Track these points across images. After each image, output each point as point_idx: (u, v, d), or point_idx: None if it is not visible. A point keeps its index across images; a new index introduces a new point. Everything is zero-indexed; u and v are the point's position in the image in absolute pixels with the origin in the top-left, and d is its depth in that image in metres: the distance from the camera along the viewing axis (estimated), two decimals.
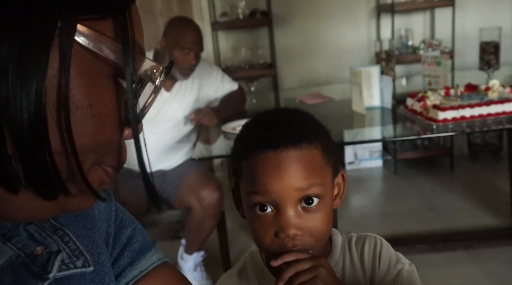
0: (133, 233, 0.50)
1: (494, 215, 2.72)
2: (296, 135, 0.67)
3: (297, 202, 0.65)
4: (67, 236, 0.42)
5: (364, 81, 2.17)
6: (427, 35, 3.60)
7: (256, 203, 0.66)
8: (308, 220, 0.66)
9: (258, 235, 0.68)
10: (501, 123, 1.87)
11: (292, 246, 0.65)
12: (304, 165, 0.66)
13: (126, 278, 0.47)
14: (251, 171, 0.67)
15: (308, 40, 3.57)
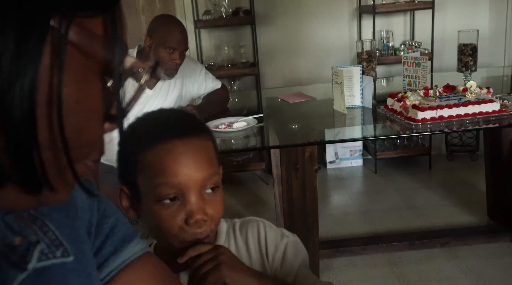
0: (115, 223, 0.50)
1: (471, 213, 2.79)
2: (197, 126, 0.73)
3: (201, 189, 0.69)
4: (46, 226, 0.42)
5: (346, 81, 2.20)
6: (408, 37, 3.66)
7: (165, 194, 0.67)
8: (211, 206, 0.70)
9: (164, 226, 0.68)
10: (478, 124, 1.91)
11: (200, 235, 0.69)
12: (206, 154, 0.70)
13: (109, 268, 0.48)
14: (156, 162, 0.67)
15: (290, 39, 3.60)
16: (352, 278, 2.27)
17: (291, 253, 0.78)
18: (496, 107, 1.92)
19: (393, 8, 3.41)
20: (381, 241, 2.50)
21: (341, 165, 3.70)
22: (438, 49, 3.46)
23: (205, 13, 3.41)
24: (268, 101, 2.80)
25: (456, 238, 2.48)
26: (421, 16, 3.53)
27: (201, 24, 3.38)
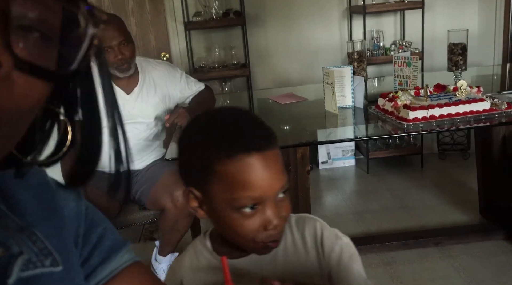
0: (103, 232, 0.49)
1: (463, 212, 2.80)
2: (272, 137, 0.74)
3: (276, 196, 0.72)
4: (34, 235, 0.41)
5: (337, 81, 2.20)
6: (398, 37, 3.67)
7: (245, 204, 0.70)
8: (283, 209, 0.73)
9: (241, 231, 0.71)
10: (468, 123, 1.92)
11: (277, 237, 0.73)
12: (280, 163, 0.73)
13: (97, 278, 0.47)
14: (237, 175, 0.69)
15: (281, 40, 3.60)
16: None
17: (347, 256, 0.80)
18: (486, 106, 1.93)
19: (383, 8, 3.42)
20: (374, 241, 2.50)
21: (334, 165, 3.70)
22: (428, 48, 3.47)
23: (195, 15, 3.40)
24: (259, 103, 2.80)
25: (449, 237, 2.49)
26: (411, 16, 3.54)
27: (191, 26, 3.36)
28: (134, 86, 2.18)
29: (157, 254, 2.22)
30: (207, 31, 3.51)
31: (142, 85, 2.19)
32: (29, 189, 0.44)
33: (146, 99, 2.20)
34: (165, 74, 2.26)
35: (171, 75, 2.28)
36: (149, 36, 3.54)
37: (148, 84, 2.21)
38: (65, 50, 0.33)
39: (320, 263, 0.81)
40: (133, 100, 2.18)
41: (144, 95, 2.20)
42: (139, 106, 2.19)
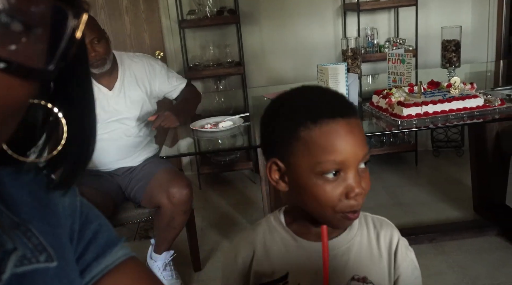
0: (98, 229, 0.49)
1: (457, 208, 2.81)
2: (352, 106, 0.77)
3: (358, 165, 0.73)
4: (29, 231, 0.41)
5: (331, 78, 2.20)
6: (392, 34, 3.68)
7: (329, 170, 0.71)
8: (364, 180, 0.74)
9: (324, 198, 0.73)
10: (462, 119, 1.93)
11: (357, 207, 0.74)
12: (362, 132, 0.75)
13: (91, 273, 0.47)
14: (322, 140, 0.71)
15: (276, 38, 3.60)
16: None
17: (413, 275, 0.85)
18: (480, 102, 1.94)
19: (377, 6, 3.43)
20: None
21: None
22: (422, 45, 3.48)
23: (189, 13, 3.39)
24: (254, 101, 2.80)
25: (443, 233, 2.50)
26: (405, 13, 3.55)
27: (185, 24, 3.36)
28: (115, 81, 2.17)
29: (152, 252, 2.22)
30: (202, 29, 3.51)
31: (123, 80, 2.18)
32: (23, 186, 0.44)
33: (129, 93, 2.19)
34: (144, 67, 2.24)
35: (151, 68, 2.26)
36: (143, 35, 3.53)
37: (129, 78, 2.19)
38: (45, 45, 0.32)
39: (390, 270, 0.82)
40: (116, 96, 2.17)
41: (126, 89, 2.18)
42: (123, 101, 2.18)
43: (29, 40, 0.31)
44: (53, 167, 0.41)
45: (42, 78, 0.32)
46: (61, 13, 0.32)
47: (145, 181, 2.12)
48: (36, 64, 0.31)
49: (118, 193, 2.17)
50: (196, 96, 2.42)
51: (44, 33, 0.32)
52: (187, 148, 2.15)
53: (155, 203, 2.07)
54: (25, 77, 0.30)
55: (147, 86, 2.24)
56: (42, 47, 0.32)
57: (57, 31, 0.32)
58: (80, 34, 0.33)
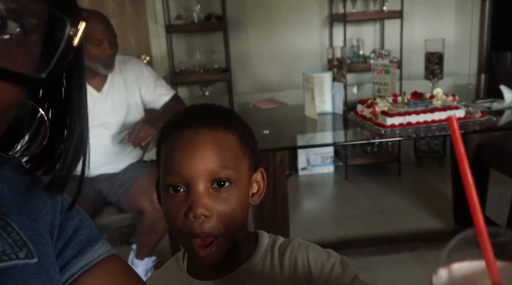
0: (79, 225, 0.48)
1: (438, 218, 2.85)
2: (214, 118, 0.70)
3: (207, 183, 0.66)
4: (9, 226, 0.41)
5: (317, 87, 2.22)
6: (377, 45, 3.73)
7: (170, 183, 0.66)
8: (217, 202, 0.66)
9: (170, 218, 0.67)
10: (444, 130, 1.95)
11: (199, 230, 0.65)
12: (218, 147, 0.67)
13: (71, 270, 0.46)
14: (167, 151, 0.68)
15: (262, 45, 3.62)
16: None
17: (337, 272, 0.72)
18: (461, 114, 1.97)
19: (363, 17, 3.48)
20: (350, 246, 2.53)
21: (313, 171, 3.73)
22: (406, 57, 3.54)
23: (176, 18, 3.39)
24: (239, 107, 2.80)
25: (423, 243, 2.52)
26: (390, 25, 3.61)
27: (172, 29, 3.36)
28: (104, 83, 2.15)
29: (134, 257, 2.20)
30: (189, 34, 3.51)
31: (113, 82, 2.16)
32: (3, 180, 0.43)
33: (117, 97, 2.16)
34: (135, 72, 2.22)
35: (140, 74, 2.24)
36: (130, 39, 3.52)
37: (119, 81, 2.17)
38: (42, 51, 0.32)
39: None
40: (104, 98, 2.14)
41: (114, 92, 2.16)
42: (110, 104, 2.15)
43: (25, 47, 0.31)
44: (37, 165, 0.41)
45: (35, 84, 0.33)
46: (58, 21, 0.32)
47: (128, 185, 2.11)
48: (31, 71, 0.32)
49: (98, 198, 2.14)
50: (181, 109, 2.36)
51: (40, 41, 0.32)
52: None
53: (138, 208, 2.06)
54: (19, 83, 0.31)
55: (136, 91, 2.21)
56: (39, 54, 0.32)
57: (54, 39, 0.33)
58: (78, 42, 0.33)
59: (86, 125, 0.40)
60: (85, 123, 0.40)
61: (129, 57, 2.30)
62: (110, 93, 2.15)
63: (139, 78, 2.22)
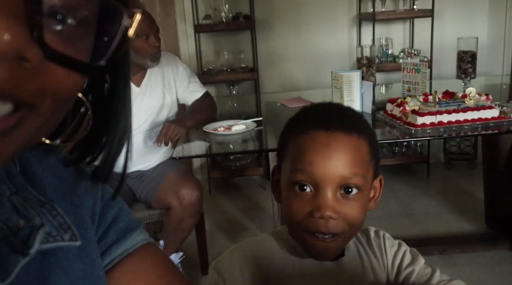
0: (119, 213, 0.49)
1: (469, 221, 2.78)
2: (348, 122, 0.69)
3: (337, 187, 0.66)
4: (54, 210, 0.42)
5: (345, 85, 2.20)
6: (407, 45, 3.67)
7: (297, 181, 0.67)
8: (345, 206, 0.67)
9: (292, 212, 0.68)
10: (476, 130, 1.91)
11: (324, 228, 0.66)
12: (352, 152, 0.67)
13: (111, 256, 0.47)
14: (298, 148, 0.68)
15: (290, 45, 3.61)
16: None
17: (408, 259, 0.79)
18: (495, 113, 1.92)
19: (393, 16, 3.43)
20: None
21: None
22: (437, 57, 3.47)
23: (205, 18, 3.42)
24: (267, 106, 2.80)
25: (454, 245, 2.47)
26: (421, 24, 3.55)
27: (201, 29, 3.38)
28: (143, 78, 2.18)
29: None
30: (217, 34, 3.53)
31: (151, 76, 2.19)
32: (48, 167, 0.45)
33: (154, 91, 2.19)
34: (171, 66, 2.24)
35: (176, 69, 2.26)
36: None
37: (156, 75, 2.20)
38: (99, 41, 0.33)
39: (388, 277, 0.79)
40: (143, 93, 2.17)
41: (152, 86, 2.19)
42: (148, 99, 2.18)
43: (84, 37, 0.32)
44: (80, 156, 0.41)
45: (93, 73, 0.34)
46: (116, 12, 0.33)
47: (156, 181, 2.13)
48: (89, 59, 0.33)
49: (128, 194, 2.17)
50: (210, 108, 2.34)
51: (98, 30, 0.33)
52: (199, 150, 2.16)
53: (165, 204, 2.08)
54: (79, 71, 0.32)
55: (172, 86, 2.24)
56: (97, 43, 0.33)
57: (111, 29, 0.34)
58: (133, 32, 0.34)
59: (130, 117, 0.41)
60: (129, 116, 0.41)
61: (164, 52, 2.31)
62: (148, 88, 2.18)
63: (175, 72, 2.25)
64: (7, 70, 0.26)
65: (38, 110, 0.30)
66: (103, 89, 0.39)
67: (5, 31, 0.25)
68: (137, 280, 0.47)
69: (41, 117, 0.31)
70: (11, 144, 0.30)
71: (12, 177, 0.41)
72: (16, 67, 0.27)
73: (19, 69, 0.27)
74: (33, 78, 0.28)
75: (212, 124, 2.16)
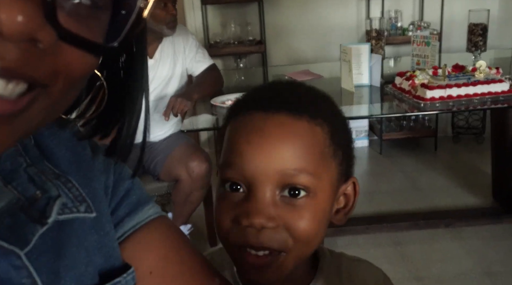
0: (131, 186, 0.50)
1: (475, 195, 2.79)
2: (297, 101, 0.51)
3: (276, 187, 0.49)
4: (70, 182, 0.43)
5: (354, 58, 2.18)
6: (416, 17, 3.61)
7: (227, 178, 0.51)
8: (287, 213, 0.49)
9: (218, 218, 0.51)
10: (486, 103, 1.90)
11: (255, 240, 0.48)
12: (299, 141, 0.49)
13: (124, 228, 0.48)
14: (230, 136, 0.52)
15: (298, 17, 3.56)
16: None
17: None
18: (505, 87, 1.91)
19: None
20: (384, 221, 2.51)
21: None
22: (446, 30, 3.42)
23: None
24: (275, 79, 2.78)
25: (460, 219, 2.49)
26: None
27: (207, 1, 3.34)
28: (156, 49, 2.18)
29: None
30: (224, 6, 3.49)
31: (163, 47, 2.18)
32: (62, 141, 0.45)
33: (165, 63, 2.19)
34: (182, 37, 2.23)
35: (186, 39, 2.26)
36: None
37: (168, 46, 2.19)
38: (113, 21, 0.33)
39: None
40: (156, 64, 2.16)
41: (164, 57, 2.18)
42: (160, 70, 2.18)
43: (99, 17, 0.32)
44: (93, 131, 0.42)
45: (106, 53, 0.34)
46: None
47: (165, 153, 2.14)
48: (103, 40, 0.33)
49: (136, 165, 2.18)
50: (216, 81, 2.33)
51: (113, 11, 0.33)
52: (206, 124, 2.16)
53: (174, 176, 2.09)
54: (93, 52, 0.32)
55: (181, 56, 2.23)
56: (111, 24, 0.33)
57: (126, 9, 0.33)
58: (147, 14, 0.34)
59: (147, 94, 0.41)
60: (147, 92, 0.41)
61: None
62: (161, 59, 2.17)
63: (185, 42, 2.25)
64: (21, 51, 0.26)
65: (49, 90, 0.30)
66: (118, 65, 0.39)
67: (18, 12, 0.25)
68: (150, 251, 0.48)
69: (52, 98, 0.31)
70: (21, 125, 0.30)
71: (28, 150, 0.42)
72: (30, 48, 0.27)
73: (33, 50, 0.27)
74: (47, 59, 0.28)
75: (220, 98, 2.16)
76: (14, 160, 0.39)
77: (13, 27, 0.25)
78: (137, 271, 0.45)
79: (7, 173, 0.39)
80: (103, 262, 0.43)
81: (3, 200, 0.37)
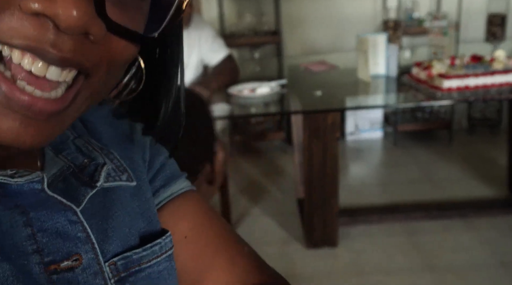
0: (165, 161, 0.53)
1: (490, 186, 2.78)
2: None
3: None
4: (111, 154, 0.46)
5: (371, 49, 2.18)
6: (433, 8, 3.58)
7: None
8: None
9: None
10: (504, 94, 1.89)
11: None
12: None
13: (159, 198, 0.51)
14: None
15: (313, 8, 3.55)
16: (369, 246, 2.30)
17: None
18: None
19: None
20: (397, 211, 2.52)
21: (361, 136, 3.70)
22: (464, 20, 3.38)
23: None
24: (290, 69, 2.80)
25: (474, 210, 2.49)
26: None
27: None
28: None
29: None
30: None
31: None
32: (102, 117, 0.48)
33: (191, 54, 2.22)
34: (198, 27, 2.26)
35: (201, 29, 2.28)
36: None
37: (185, 39, 2.22)
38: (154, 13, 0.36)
39: None
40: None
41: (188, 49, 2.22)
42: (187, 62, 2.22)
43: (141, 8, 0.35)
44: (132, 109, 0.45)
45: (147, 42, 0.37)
46: None
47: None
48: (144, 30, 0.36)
49: None
50: (233, 71, 2.34)
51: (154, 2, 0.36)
52: (223, 112, 2.18)
53: None
54: (135, 42, 0.35)
55: (196, 46, 2.26)
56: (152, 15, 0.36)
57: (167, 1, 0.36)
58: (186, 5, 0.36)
59: (183, 77, 0.44)
60: (182, 75, 0.44)
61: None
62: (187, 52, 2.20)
63: (200, 32, 2.27)
64: (75, 42, 0.29)
65: (91, 81, 0.33)
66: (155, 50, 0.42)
67: (73, 8, 0.28)
68: (184, 219, 0.51)
69: (93, 87, 0.34)
70: (68, 117, 0.33)
71: (74, 125, 0.45)
72: (83, 40, 0.30)
73: (85, 41, 0.30)
74: (96, 49, 0.31)
75: (236, 87, 2.18)
76: (63, 133, 0.43)
77: (69, 21, 0.28)
78: (173, 235, 0.48)
79: (57, 144, 0.42)
80: (145, 225, 0.46)
81: (56, 167, 0.41)
